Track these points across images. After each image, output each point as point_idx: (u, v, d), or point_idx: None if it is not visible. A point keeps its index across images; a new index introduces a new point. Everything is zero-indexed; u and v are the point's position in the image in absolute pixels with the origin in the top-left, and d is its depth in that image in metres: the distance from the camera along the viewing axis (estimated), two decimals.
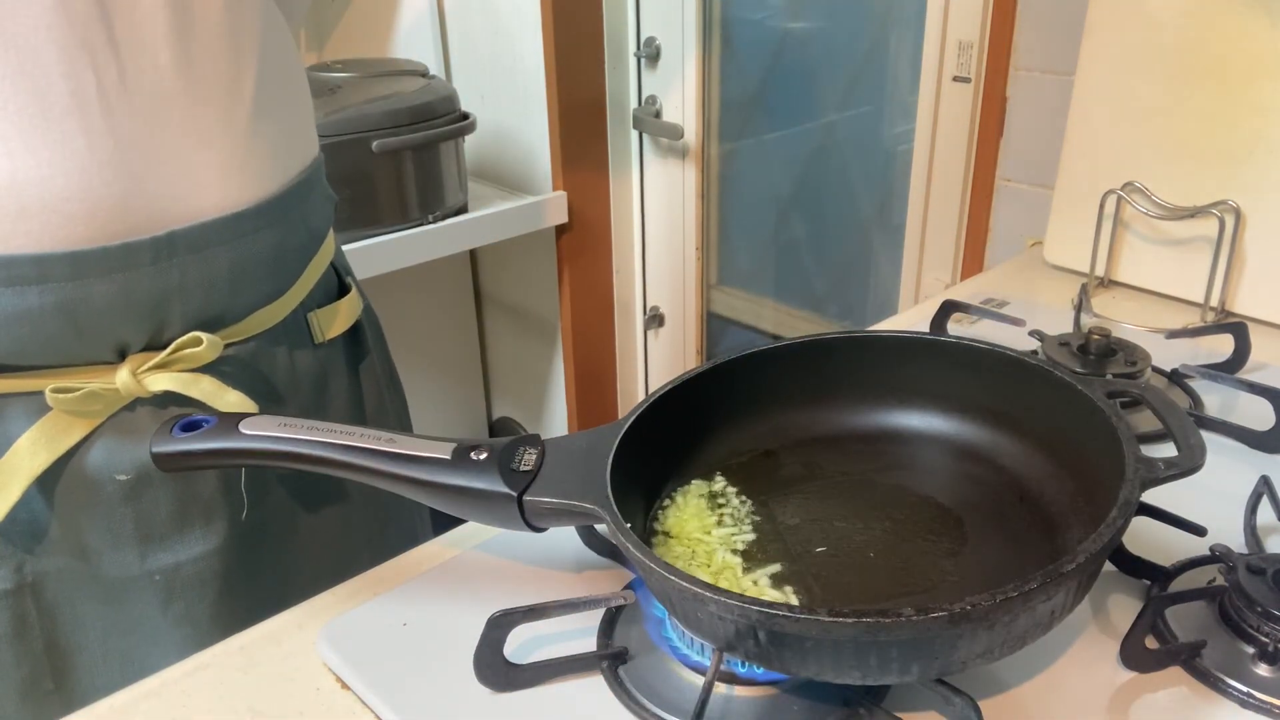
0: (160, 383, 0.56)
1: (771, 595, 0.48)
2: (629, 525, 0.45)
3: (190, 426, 0.51)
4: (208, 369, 0.58)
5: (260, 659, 0.51)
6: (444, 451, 0.49)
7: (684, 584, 0.41)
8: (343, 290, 0.70)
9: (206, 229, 0.56)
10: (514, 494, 0.48)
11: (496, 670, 0.47)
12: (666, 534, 0.52)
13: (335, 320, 0.67)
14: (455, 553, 0.58)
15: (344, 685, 0.49)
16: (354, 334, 0.71)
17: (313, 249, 0.66)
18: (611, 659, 0.48)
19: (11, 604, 0.57)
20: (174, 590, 0.60)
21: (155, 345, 0.57)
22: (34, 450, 0.55)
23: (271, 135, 0.59)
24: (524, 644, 0.49)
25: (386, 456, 0.49)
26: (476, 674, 0.47)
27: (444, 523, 0.59)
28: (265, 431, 0.50)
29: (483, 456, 0.49)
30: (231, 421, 0.50)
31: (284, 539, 0.65)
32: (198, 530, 0.60)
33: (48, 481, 0.56)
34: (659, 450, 0.54)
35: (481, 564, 0.56)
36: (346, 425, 0.50)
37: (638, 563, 0.43)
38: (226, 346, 0.59)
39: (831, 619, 0.38)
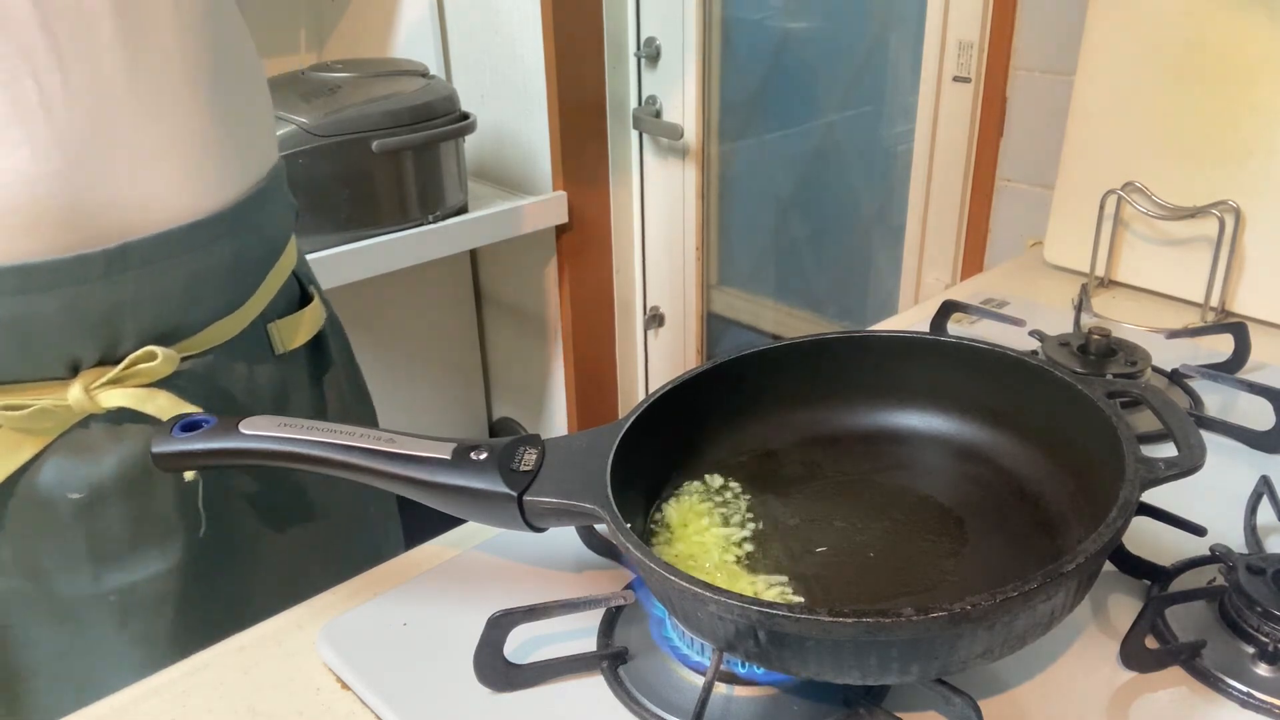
0: (114, 399, 0.54)
1: (771, 595, 0.48)
2: (629, 525, 0.45)
3: (190, 426, 0.51)
4: (164, 383, 0.57)
5: (260, 659, 0.51)
6: (444, 452, 0.49)
7: (684, 584, 0.41)
8: (305, 300, 0.68)
9: (161, 240, 0.54)
10: (514, 494, 0.48)
11: (496, 670, 0.47)
12: (668, 533, 0.52)
13: (297, 331, 0.66)
14: (455, 553, 0.58)
15: (344, 685, 0.49)
16: (317, 345, 0.69)
17: (272, 259, 0.64)
18: (611, 659, 0.48)
19: None
20: (130, 610, 0.59)
21: (109, 360, 0.55)
22: None
23: (228, 143, 0.58)
24: (524, 644, 0.49)
25: (386, 456, 0.49)
26: (476, 674, 0.47)
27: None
28: (265, 431, 0.50)
29: (483, 457, 0.49)
30: (231, 421, 0.50)
31: (242, 557, 0.64)
32: (154, 549, 0.59)
33: None
34: (659, 450, 0.54)
35: (481, 564, 0.56)
36: (347, 425, 0.50)
37: (638, 563, 0.43)
38: (183, 360, 0.57)
39: (831, 619, 0.38)
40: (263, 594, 0.64)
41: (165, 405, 0.55)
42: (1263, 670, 0.47)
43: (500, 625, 0.47)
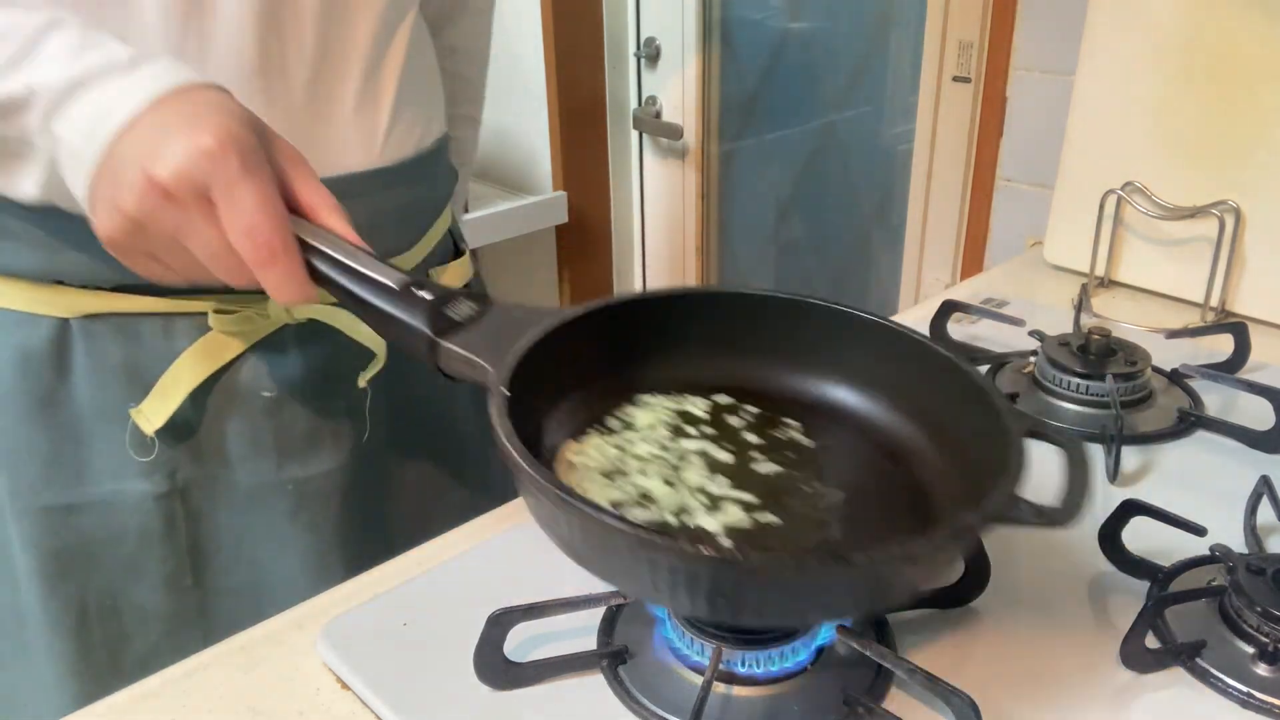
0: (306, 311, 0.63)
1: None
2: (508, 395, 0.44)
3: None
4: None
5: (260, 659, 0.51)
6: (394, 281, 0.50)
7: (517, 459, 0.40)
8: (458, 254, 0.79)
9: (353, 180, 0.62)
10: (431, 335, 0.48)
11: (496, 668, 0.47)
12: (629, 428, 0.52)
13: (450, 278, 0.76)
14: (455, 553, 0.58)
15: (344, 685, 0.49)
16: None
17: (436, 212, 0.74)
18: (611, 658, 0.48)
19: (164, 506, 0.64)
20: (303, 500, 0.66)
21: None
22: (195, 364, 0.62)
23: (409, 109, 0.67)
24: (524, 642, 0.49)
25: (343, 268, 0.50)
26: (476, 672, 0.47)
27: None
28: None
29: (425, 295, 0.49)
30: None
31: (397, 467, 0.72)
32: (328, 447, 0.67)
33: (203, 393, 0.63)
34: (597, 364, 0.53)
35: (481, 564, 0.56)
36: (334, 237, 0.51)
37: (496, 438, 0.42)
38: None
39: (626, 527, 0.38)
40: (406, 513, 0.73)
41: (346, 322, 0.65)
42: (1263, 670, 0.47)
43: (500, 623, 0.47)
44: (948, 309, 0.81)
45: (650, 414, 0.54)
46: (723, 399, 0.56)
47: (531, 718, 0.46)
